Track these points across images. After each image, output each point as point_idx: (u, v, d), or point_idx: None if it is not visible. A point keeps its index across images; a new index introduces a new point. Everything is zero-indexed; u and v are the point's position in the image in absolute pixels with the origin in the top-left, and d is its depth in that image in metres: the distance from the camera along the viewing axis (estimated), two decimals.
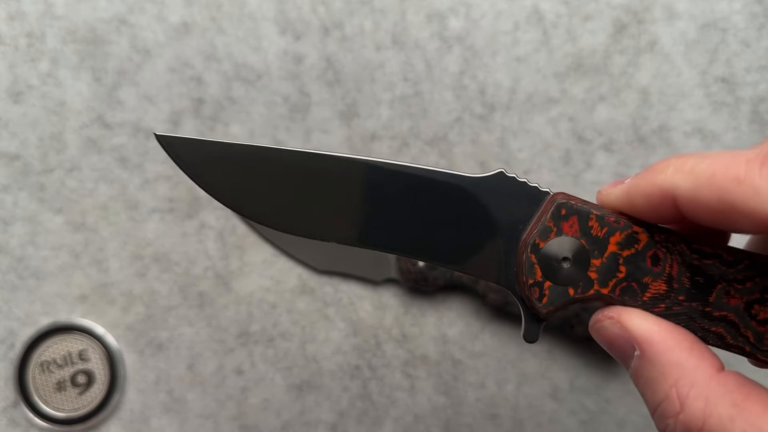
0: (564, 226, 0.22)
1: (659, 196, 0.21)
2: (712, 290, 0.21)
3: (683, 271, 0.22)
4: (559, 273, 0.22)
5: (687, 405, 0.19)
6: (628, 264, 0.22)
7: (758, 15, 0.42)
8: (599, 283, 0.22)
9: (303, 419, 0.42)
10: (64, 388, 0.41)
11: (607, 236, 0.22)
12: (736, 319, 0.21)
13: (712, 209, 0.20)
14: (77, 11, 0.41)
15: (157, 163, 0.41)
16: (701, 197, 0.20)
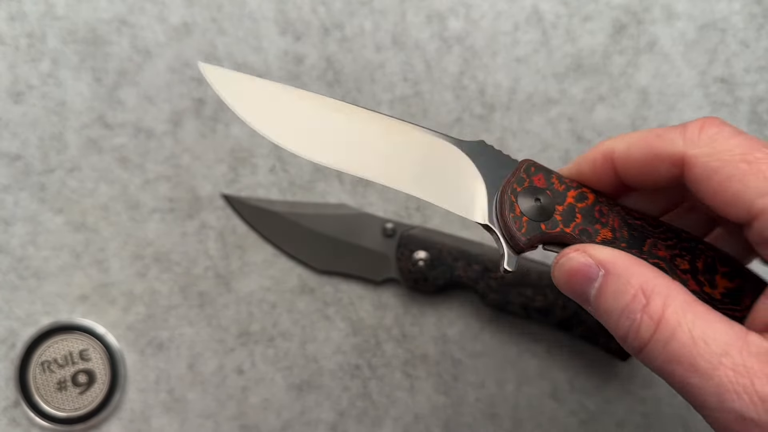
0: (534, 179, 0.27)
1: (601, 159, 0.26)
2: (645, 241, 0.26)
3: (622, 225, 0.27)
4: (533, 211, 0.27)
5: (651, 299, 0.22)
6: (582, 213, 0.27)
7: (757, 15, 0.42)
8: (563, 224, 0.27)
9: (303, 419, 0.42)
10: (65, 387, 0.41)
11: (565, 191, 0.27)
12: (666, 267, 0.26)
13: (639, 161, 0.25)
14: (78, 12, 0.41)
15: (158, 163, 0.41)
16: (632, 154, 0.25)
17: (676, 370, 0.21)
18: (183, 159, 0.41)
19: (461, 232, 0.42)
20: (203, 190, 0.42)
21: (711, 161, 0.23)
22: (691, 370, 0.21)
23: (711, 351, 0.21)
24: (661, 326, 0.22)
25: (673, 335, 0.22)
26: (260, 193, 0.42)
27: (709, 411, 0.21)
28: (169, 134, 0.41)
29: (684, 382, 0.21)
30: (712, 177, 0.23)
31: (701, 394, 0.21)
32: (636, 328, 0.22)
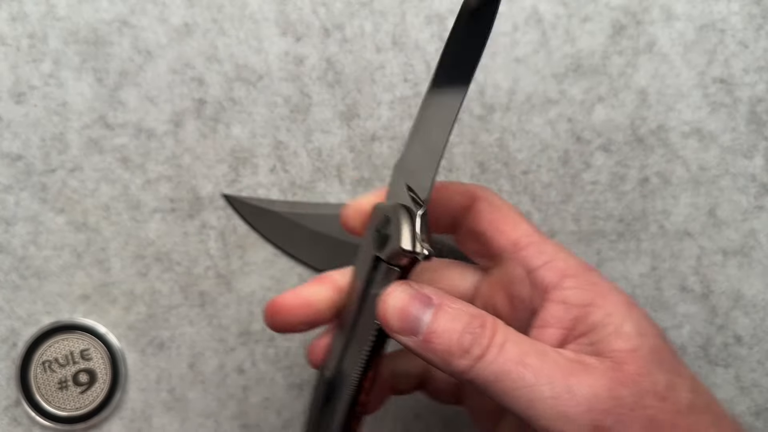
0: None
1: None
2: None
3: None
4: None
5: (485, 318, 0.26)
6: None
7: (756, 16, 0.42)
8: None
9: (304, 418, 0.42)
10: (66, 387, 0.41)
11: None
12: None
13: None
14: (79, 12, 0.41)
15: (159, 163, 0.41)
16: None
17: (510, 372, 0.25)
18: (184, 159, 0.42)
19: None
20: (204, 190, 0.42)
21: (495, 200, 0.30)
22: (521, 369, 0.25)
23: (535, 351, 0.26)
24: (496, 335, 0.26)
25: (505, 342, 0.26)
26: (261, 193, 0.42)
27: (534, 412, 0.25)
28: (170, 134, 0.41)
29: (515, 386, 0.25)
30: (493, 212, 0.29)
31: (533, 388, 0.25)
32: (477, 339, 0.26)
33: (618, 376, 0.25)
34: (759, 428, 0.42)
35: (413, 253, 0.26)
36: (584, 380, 0.25)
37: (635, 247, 0.42)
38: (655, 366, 0.26)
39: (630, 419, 0.25)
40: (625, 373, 0.25)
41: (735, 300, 0.42)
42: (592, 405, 0.24)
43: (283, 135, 0.42)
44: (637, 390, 0.25)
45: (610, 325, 0.27)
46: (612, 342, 0.26)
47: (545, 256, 0.28)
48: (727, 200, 0.42)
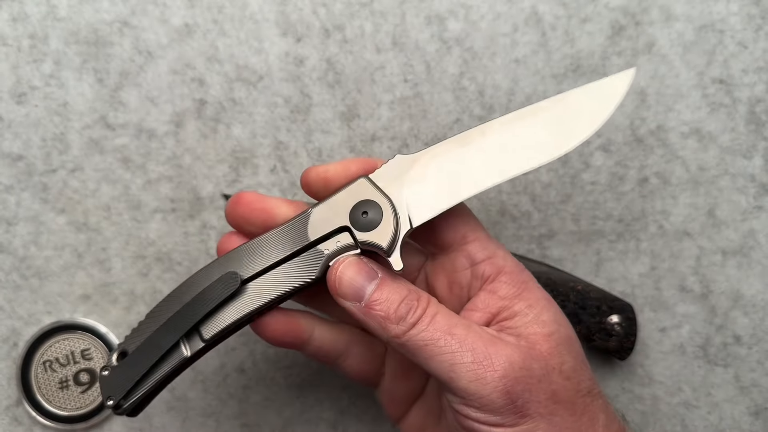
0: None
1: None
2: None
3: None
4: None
5: (420, 294, 0.30)
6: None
7: (755, 17, 0.42)
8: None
9: (304, 417, 0.42)
10: (66, 386, 0.41)
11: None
12: None
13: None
14: (80, 13, 0.41)
15: (159, 163, 0.42)
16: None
17: (438, 339, 0.29)
18: (184, 159, 0.42)
19: None
20: (204, 190, 0.42)
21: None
22: (448, 337, 0.29)
23: (461, 324, 0.30)
24: (429, 308, 0.30)
25: (436, 314, 0.30)
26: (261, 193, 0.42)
27: (455, 374, 0.29)
28: (170, 135, 0.42)
29: (441, 351, 0.29)
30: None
31: (455, 354, 0.29)
32: (413, 310, 0.30)
33: (531, 352, 0.29)
34: (759, 428, 0.42)
35: (387, 256, 0.31)
36: (502, 351, 0.29)
37: (635, 247, 0.42)
38: (565, 350, 0.30)
39: (537, 389, 0.29)
40: (538, 350, 0.30)
41: (734, 300, 0.42)
42: (506, 372, 0.28)
43: (283, 135, 0.42)
44: (546, 365, 0.29)
45: (530, 314, 0.31)
46: (530, 327, 0.30)
47: (487, 252, 0.32)
48: (726, 200, 0.42)
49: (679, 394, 0.42)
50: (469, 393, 0.28)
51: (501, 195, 0.42)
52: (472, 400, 0.28)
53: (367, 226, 0.31)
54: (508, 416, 0.28)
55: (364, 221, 0.31)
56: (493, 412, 0.28)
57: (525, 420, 0.29)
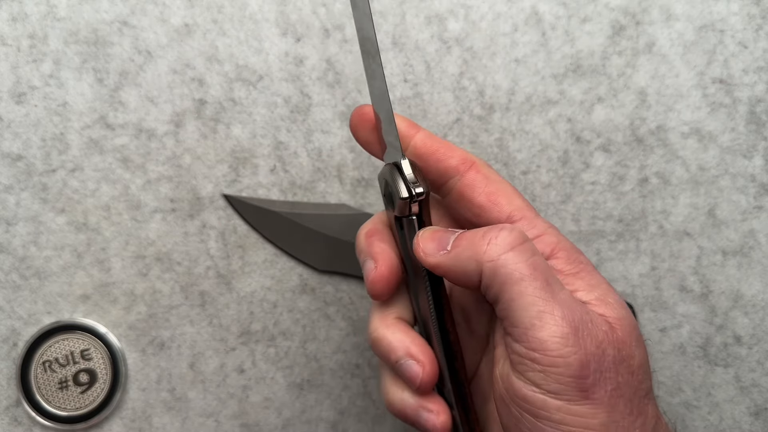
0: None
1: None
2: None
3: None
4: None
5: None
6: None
7: (756, 16, 0.42)
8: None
9: (304, 417, 0.42)
10: (66, 386, 0.41)
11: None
12: None
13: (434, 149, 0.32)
14: (79, 13, 0.41)
15: (159, 163, 0.42)
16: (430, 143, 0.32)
17: (535, 282, 0.27)
18: (184, 159, 0.42)
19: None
20: (204, 190, 0.42)
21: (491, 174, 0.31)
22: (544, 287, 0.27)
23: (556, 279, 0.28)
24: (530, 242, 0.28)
25: (535, 254, 0.28)
26: (261, 194, 0.42)
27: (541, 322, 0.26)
28: (170, 135, 0.42)
29: (533, 292, 0.27)
30: (489, 185, 0.31)
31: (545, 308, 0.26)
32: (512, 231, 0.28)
33: (609, 335, 0.27)
34: (759, 428, 0.42)
35: (412, 197, 0.29)
36: (588, 324, 0.26)
37: (635, 247, 0.42)
38: (635, 341, 0.28)
39: (607, 377, 0.26)
40: (615, 335, 0.27)
41: (734, 300, 0.42)
42: (587, 345, 0.26)
43: (283, 135, 0.42)
44: (619, 353, 0.27)
45: (594, 293, 0.28)
46: (599, 307, 0.28)
47: (537, 230, 0.30)
48: (726, 200, 0.42)
49: (680, 394, 0.42)
50: (548, 347, 0.26)
51: None
52: (546, 355, 0.26)
53: (392, 199, 0.31)
54: (573, 392, 0.26)
55: (391, 199, 0.31)
56: (561, 379, 0.26)
57: (587, 402, 0.26)
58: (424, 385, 0.30)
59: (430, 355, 0.30)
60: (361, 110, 0.32)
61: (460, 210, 0.32)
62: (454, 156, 0.31)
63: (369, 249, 0.32)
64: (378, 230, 0.32)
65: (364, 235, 0.32)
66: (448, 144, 0.32)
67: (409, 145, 0.32)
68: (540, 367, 0.26)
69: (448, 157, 0.31)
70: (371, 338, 0.32)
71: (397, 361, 0.30)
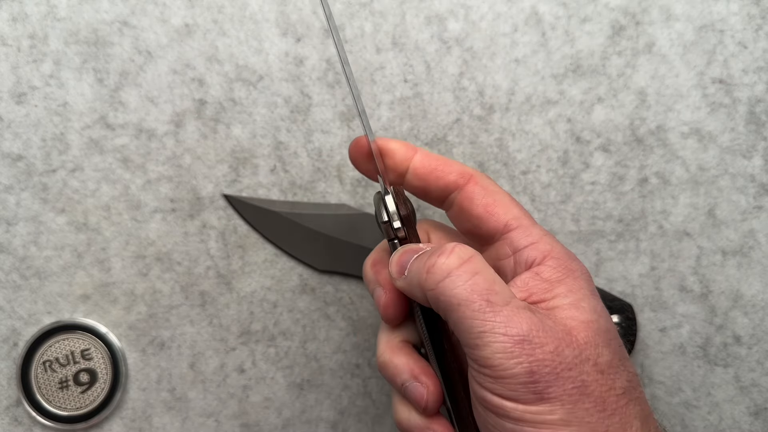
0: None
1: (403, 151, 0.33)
2: None
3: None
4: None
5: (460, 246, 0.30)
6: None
7: (755, 17, 0.42)
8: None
9: (304, 417, 0.42)
10: (66, 386, 0.41)
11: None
12: None
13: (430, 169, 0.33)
14: (80, 13, 0.41)
15: (159, 163, 0.42)
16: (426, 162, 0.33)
17: (472, 304, 0.28)
18: (184, 159, 0.42)
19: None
20: (204, 190, 0.42)
21: (489, 186, 0.33)
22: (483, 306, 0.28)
23: (502, 294, 0.28)
24: (470, 263, 0.29)
25: (475, 275, 0.29)
26: (261, 194, 0.42)
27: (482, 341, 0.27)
28: (170, 135, 0.42)
29: (473, 315, 0.28)
30: (487, 197, 0.32)
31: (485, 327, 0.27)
32: (448, 254, 0.29)
33: (565, 338, 0.28)
34: (759, 428, 0.42)
35: (389, 223, 0.32)
36: (537, 330, 0.28)
37: (634, 247, 0.42)
38: (602, 342, 0.29)
39: (565, 377, 0.27)
40: (573, 338, 0.28)
41: (734, 300, 0.42)
42: (535, 352, 0.27)
43: (283, 135, 0.42)
44: (580, 354, 0.28)
45: (569, 298, 0.29)
46: (567, 311, 0.29)
47: (531, 238, 0.31)
48: (726, 200, 0.42)
49: (679, 394, 0.42)
50: (492, 363, 0.27)
51: None
52: (492, 370, 0.27)
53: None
54: (526, 394, 0.27)
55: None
56: (511, 387, 0.27)
57: (542, 402, 0.27)
58: (430, 405, 0.32)
59: (434, 377, 0.32)
60: (358, 142, 0.33)
61: (462, 222, 0.33)
62: (453, 171, 0.33)
63: (376, 277, 0.33)
64: (382, 259, 0.34)
65: (370, 266, 0.34)
66: (445, 160, 0.33)
67: (409, 167, 0.33)
68: (491, 379, 0.27)
69: (446, 173, 0.33)
70: (378, 362, 0.33)
71: (402, 383, 0.32)
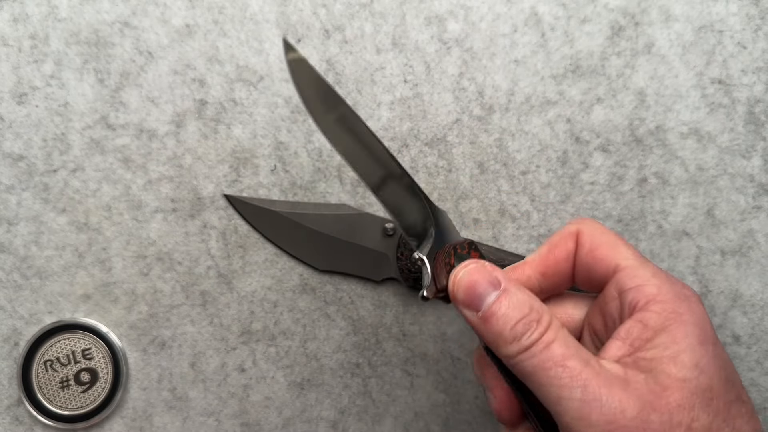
0: (472, 253, 0.31)
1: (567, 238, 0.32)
2: None
3: None
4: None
5: (542, 315, 0.28)
6: None
7: (754, 17, 0.42)
8: None
9: (304, 417, 0.42)
10: (67, 386, 0.41)
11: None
12: None
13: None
14: (81, 13, 0.41)
15: (160, 163, 0.42)
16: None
17: (550, 368, 0.27)
18: (185, 159, 0.42)
19: (461, 232, 0.42)
20: (205, 190, 0.42)
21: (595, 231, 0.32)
22: (560, 369, 0.27)
23: (578, 357, 0.27)
24: (547, 332, 0.28)
25: (554, 341, 0.28)
26: (262, 194, 0.42)
27: (561, 408, 0.27)
28: (171, 135, 0.42)
29: (549, 382, 0.27)
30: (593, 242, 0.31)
31: (564, 387, 0.27)
32: (529, 332, 0.28)
33: (654, 401, 0.26)
34: None
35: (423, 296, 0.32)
36: (616, 394, 0.26)
37: (634, 246, 0.42)
38: (700, 403, 0.26)
39: None
40: (664, 400, 0.26)
41: (733, 300, 0.42)
42: (616, 418, 0.26)
43: (283, 135, 0.42)
44: (669, 420, 0.26)
45: (670, 349, 0.27)
46: (665, 365, 0.27)
47: (638, 280, 0.29)
48: (725, 200, 0.42)
49: None
50: (571, 430, 0.26)
51: (500, 195, 0.42)
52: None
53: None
54: None
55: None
56: None
57: None
58: None
59: None
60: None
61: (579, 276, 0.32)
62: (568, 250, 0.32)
63: (482, 380, 0.32)
64: (482, 353, 0.32)
65: (475, 364, 0.33)
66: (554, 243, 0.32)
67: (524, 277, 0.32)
68: None
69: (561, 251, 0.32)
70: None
71: None
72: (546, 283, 0.32)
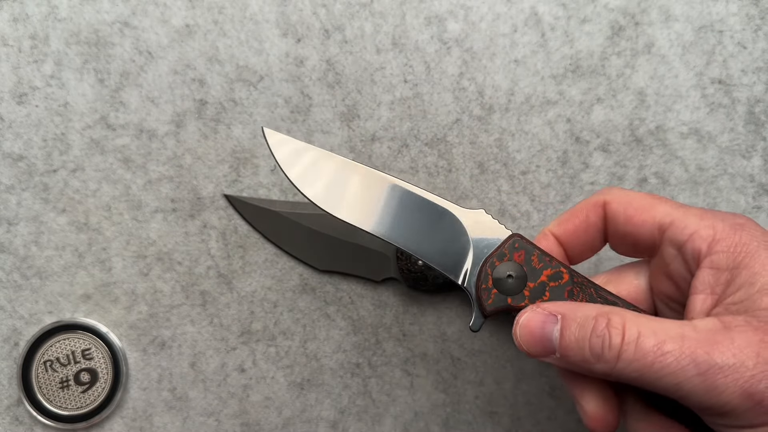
0: (514, 255, 0.31)
1: (593, 207, 0.31)
2: None
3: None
4: (503, 285, 0.30)
5: (610, 317, 0.27)
6: (551, 291, 0.30)
7: (754, 17, 0.42)
8: (529, 300, 0.30)
9: (304, 416, 0.42)
10: (67, 386, 0.41)
11: (541, 269, 0.30)
12: None
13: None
14: (81, 14, 0.41)
15: (160, 163, 0.42)
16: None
17: (652, 364, 0.26)
18: (185, 159, 0.42)
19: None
20: (205, 190, 0.42)
21: (622, 197, 0.31)
22: (661, 358, 0.25)
23: (671, 337, 0.26)
24: (627, 331, 0.26)
25: (639, 336, 0.26)
26: (262, 194, 0.42)
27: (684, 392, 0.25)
28: (171, 135, 0.42)
29: (659, 375, 0.26)
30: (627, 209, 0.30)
31: (677, 373, 0.25)
32: (608, 342, 0.26)
33: (764, 337, 0.25)
34: None
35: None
36: (727, 350, 0.25)
37: None
38: None
39: None
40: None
41: None
42: (740, 374, 0.25)
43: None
44: None
45: (756, 283, 0.26)
46: (758, 300, 0.26)
47: (689, 229, 0.28)
48: (725, 200, 0.42)
49: None
50: (705, 407, 0.25)
51: (500, 195, 0.42)
52: (712, 411, 0.25)
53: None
54: (758, 417, 0.25)
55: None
56: (738, 417, 0.25)
57: None
58: None
59: None
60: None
61: (620, 248, 0.31)
62: (587, 211, 0.31)
63: (571, 393, 0.31)
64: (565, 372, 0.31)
65: (563, 378, 0.31)
66: (574, 213, 0.31)
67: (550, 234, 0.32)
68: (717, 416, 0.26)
69: (584, 220, 0.31)
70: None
71: None
72: (568, 253, 0.32)
